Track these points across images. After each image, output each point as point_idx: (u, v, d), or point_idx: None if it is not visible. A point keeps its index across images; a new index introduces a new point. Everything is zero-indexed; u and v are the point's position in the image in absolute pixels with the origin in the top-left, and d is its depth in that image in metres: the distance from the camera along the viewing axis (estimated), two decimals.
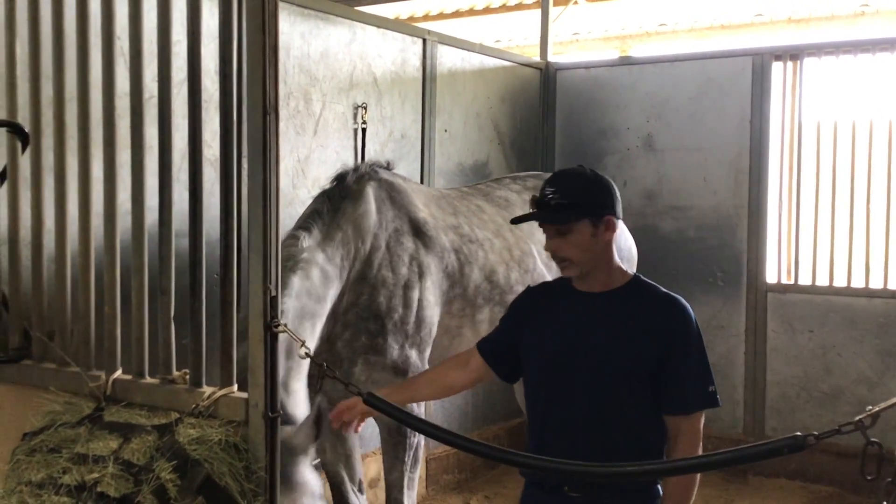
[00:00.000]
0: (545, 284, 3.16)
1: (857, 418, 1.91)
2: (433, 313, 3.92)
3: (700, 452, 2.76)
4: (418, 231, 3.97)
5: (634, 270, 4.14)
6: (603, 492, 2.71)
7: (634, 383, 2.73)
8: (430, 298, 3.88)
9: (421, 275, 3.85)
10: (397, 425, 3.51)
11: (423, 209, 4.11)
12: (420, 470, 3.87)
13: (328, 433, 3.64)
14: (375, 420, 3.71)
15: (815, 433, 1.92)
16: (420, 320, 3.81)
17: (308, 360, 2.97)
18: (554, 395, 2.78)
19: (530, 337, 2.88)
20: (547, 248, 2.84)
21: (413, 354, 3.76)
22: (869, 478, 1.89)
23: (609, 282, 2.82)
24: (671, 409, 2.75)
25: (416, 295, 3.77)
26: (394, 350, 3.69)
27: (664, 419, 2.78)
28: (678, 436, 2.75)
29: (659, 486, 2.80)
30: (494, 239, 4.35)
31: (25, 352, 4.28)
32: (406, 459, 3.63)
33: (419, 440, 3.67)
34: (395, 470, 3.65)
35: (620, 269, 2.86)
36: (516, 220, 2.95)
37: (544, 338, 2.83)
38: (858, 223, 5.80)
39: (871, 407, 1.94)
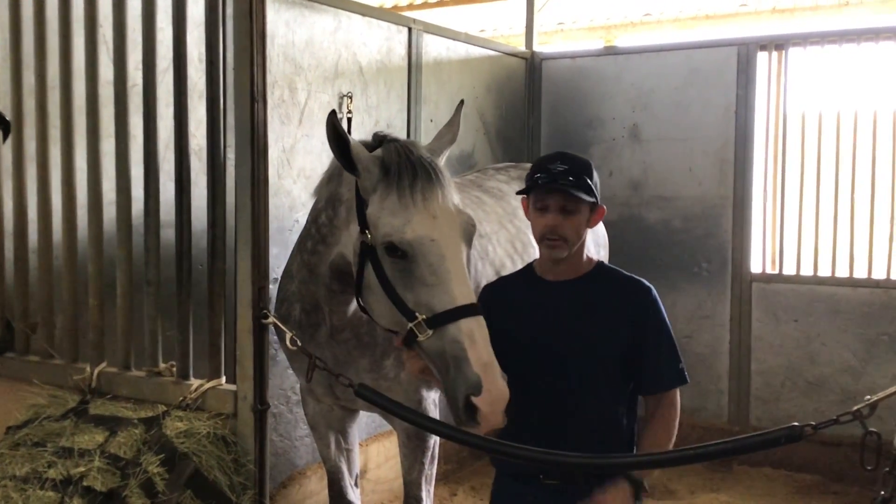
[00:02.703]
0: (504, 279, 3.17)
1: (854, 408, 1.90)
2: None
3: (676, 428, 2.80)
4: None
5: (606, 257, 4.11)
6: (578, 477, 2.73)
7: (612, 366, 2.78)
8: None
9: None
10: (416, 430, 3.45)
11: None
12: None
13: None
14: (393, 425, 3.68)
15: (813, 423, 1.91)
16: None
17: None
18: (535, 384, 2.78)
19: (504, 329, 2.83)
20: (545, 225, 2.75)
21: None
22: (868, 468, 1.88)
23: (580, 269, 2.87)
24: (648, 388, 2.83)
25: None
26: None
27: (643, 399, 2.85)
28: (655, 412, 2.82)
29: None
30: (500, 231, 4.28)
31: (8, 344, 4.24)
32: (425, 461, 3.60)
33: (436, 440, 3.62)
34: (413, 470, 3.62)
35: (588, 255, 2.92)
36: (522, 192, 2.84)
37: (521, 329, 2.84)
38: (843, 213, 5.81)
39: (869, 396, 1.93)
